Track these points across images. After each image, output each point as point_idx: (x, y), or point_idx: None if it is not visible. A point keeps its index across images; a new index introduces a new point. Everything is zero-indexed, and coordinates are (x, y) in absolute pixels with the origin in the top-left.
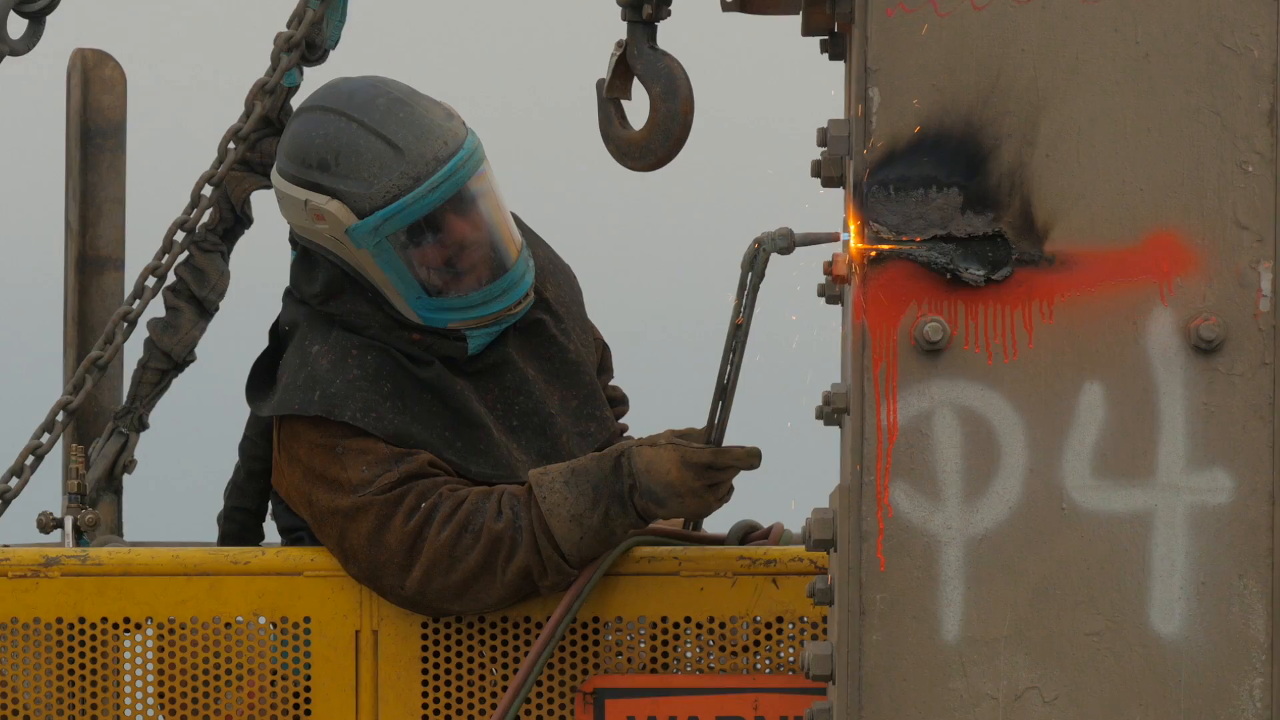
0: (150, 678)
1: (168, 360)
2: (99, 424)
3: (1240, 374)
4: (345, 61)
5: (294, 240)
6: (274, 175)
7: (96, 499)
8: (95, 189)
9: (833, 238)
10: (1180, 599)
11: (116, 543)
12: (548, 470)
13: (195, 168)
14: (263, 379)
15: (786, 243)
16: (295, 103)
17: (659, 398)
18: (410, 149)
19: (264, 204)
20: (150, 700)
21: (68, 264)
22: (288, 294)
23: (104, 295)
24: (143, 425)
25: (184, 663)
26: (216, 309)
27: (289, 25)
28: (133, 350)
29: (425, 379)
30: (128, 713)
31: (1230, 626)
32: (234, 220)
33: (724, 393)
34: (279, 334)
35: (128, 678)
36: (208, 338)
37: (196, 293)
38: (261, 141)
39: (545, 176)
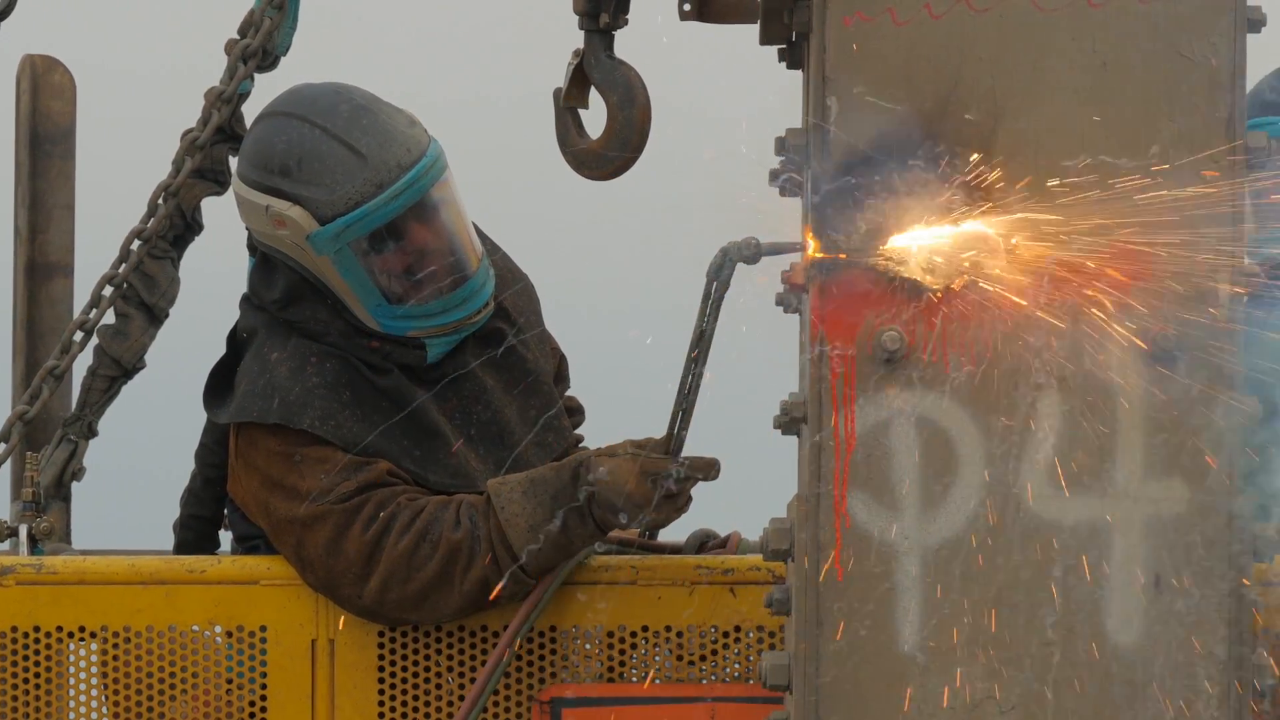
0: (105, 687)
1: (117, 367)
2: (48, 431)
3: (1198, 381)
4: (293, 68)
5: (252, 246)
6: (235, 180)
7: (46, 506)
8: (44, 195)
9: (799, 247)
10: (1137, 608)
11: (68, 551)
12: (506, 480)
13: (142, 173)
14: (220, 386)
15: (753, 252)
16: (245, 109)
17: (615, 408)
18: (373, 156)
19: (213, 211)
20: (105, 710)
21: (16, 270)
22: (245, 300)
23: (53, 302)
24: (92, 433)
25: (139, 672)
26: (166, 316)
27: (241, 33)
28: (81, 358)
29: (384, 387)
30: None
31: (1187, 635)
32: (184, 227)
33: (685, 403)
34: (236, 340)
35: (83, 686)
36: (156, 345)
37: (146, 300)
38: (213, 149)
39: (501, 184)
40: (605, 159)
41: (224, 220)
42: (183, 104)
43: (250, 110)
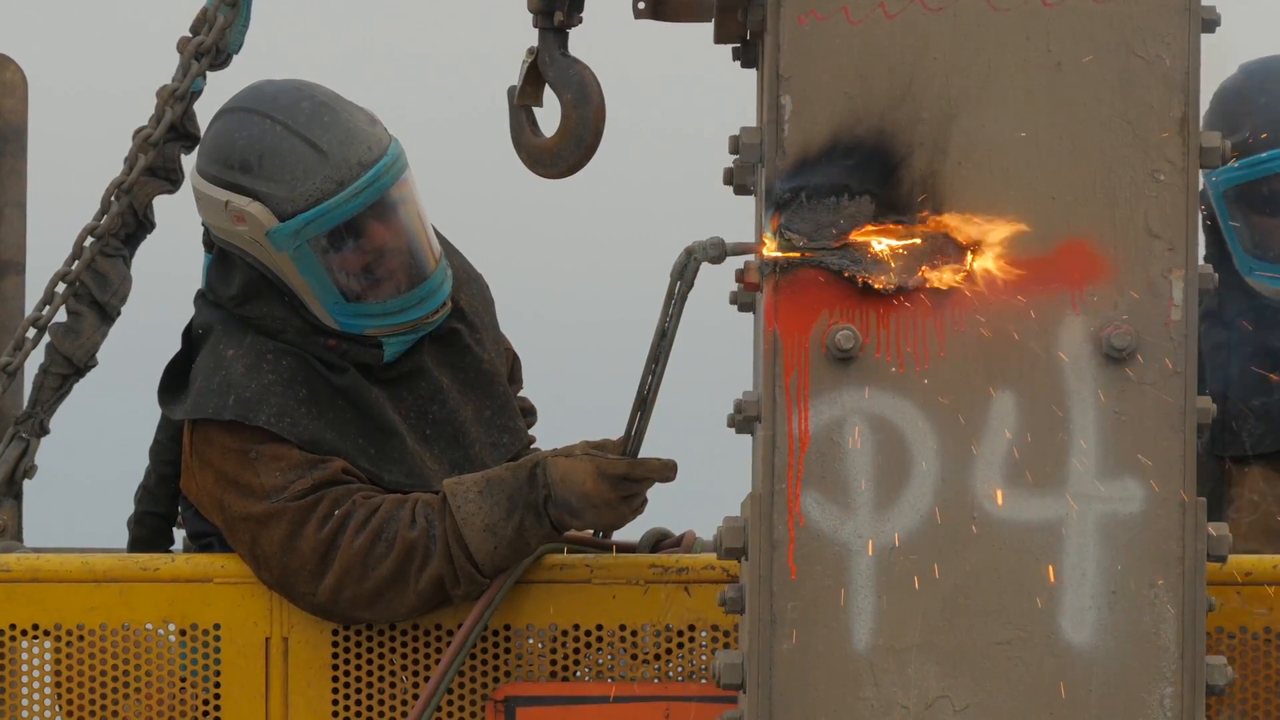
0: (58, 685)
1: (69, 365)
2: (0, 429)
3: (1151, 382)
4: (244, 68)
5: (209, 243)
6: (194, 175)
7: None
8: None
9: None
10: (1091, 608)
11: (20, 549)
12: (462, 480)
13: (93, 171)
14: (175, 382)
15: (718, 252)
16: (197, 108)
17: (566, 409)
18: (334, 153)
19: (165, 210)
20: (57, 709)
21: None
22: (200, 296)
23: (5, 299)
24: (44, 430)
25: (92, 670)
26: (118, 314)
27: (193, 30)
28: (33, 356)
29: (340, 385)
30: None
31: (1141, 635)
32: (136, 225)
33: (643, 404)
34: (192, 337)
35: (36, 684)
36: (108, 343)
37: (98, 297)
38: (165, 147)
39: (455, 185)
40: (559, 157)
41: (175, 219)
42: (135, 102)
43: (202, 109)
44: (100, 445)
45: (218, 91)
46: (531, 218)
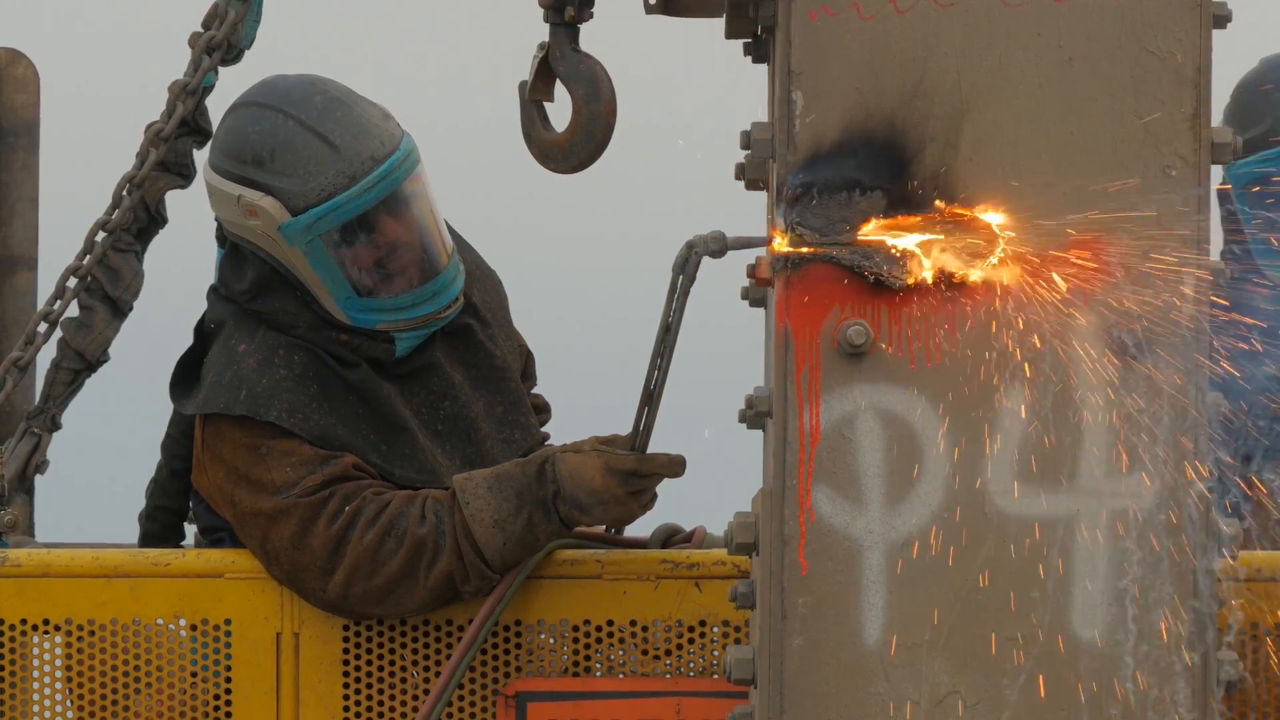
0: (69, 680)
1: (81, 360)
2: (11, 424)
3: (1162, 378)
4: (256, 64)
5: (221, 237)
6: (206, 169)
7: (10, 499)
8: (8, 188)
9: (766, 241)
10: (1102, 604)
11: (31, 544)
12: (471, 476)
13: (105, 166)
14: (187, 377)
15: (719, 246)
16: (210, 103)
17: (581, 407)
18: (347, 148)
19: (177, 206)
20: (69, 704)
21: None
22: (213, 291)
23: (17, 295)
24: (55, 425)
25: (103, 665)
26: (130, 309)
27: (205, 26)
28: (44, 351)
29: (352, 381)
30: (47, 714)
31: (1152, 631)
32: (148, 220)
33: (650, 399)
34: (204, 331)
35: (47, 680)
36: (120, 338)
37: (110, 293)
38: (176, 142)
39: (466, 181)
40: (571, 152)
41: (187, 214)
42: (147, 97)
43: (214, 104)
44: (111, 440)
45: (229, 87)
46: (542, 214)
